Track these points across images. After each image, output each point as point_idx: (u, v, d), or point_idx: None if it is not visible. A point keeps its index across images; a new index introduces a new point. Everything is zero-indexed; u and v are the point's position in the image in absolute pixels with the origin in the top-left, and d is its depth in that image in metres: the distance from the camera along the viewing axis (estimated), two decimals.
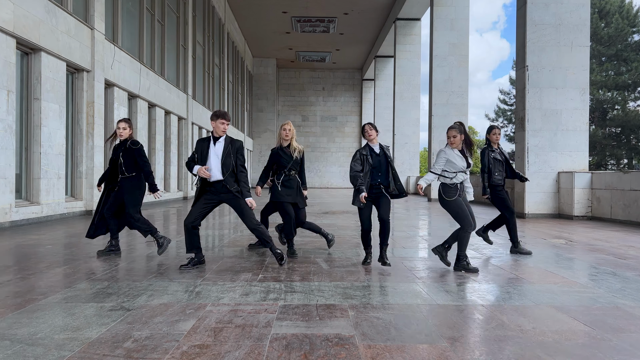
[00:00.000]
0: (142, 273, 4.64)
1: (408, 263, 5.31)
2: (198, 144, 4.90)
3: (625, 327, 3.10)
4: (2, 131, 8.19)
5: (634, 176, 9.62)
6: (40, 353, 2.54)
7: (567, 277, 4.59)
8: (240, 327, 2.99)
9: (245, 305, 3.50)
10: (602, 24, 39.37)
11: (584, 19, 11.31)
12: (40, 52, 9.41)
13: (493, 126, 6.16)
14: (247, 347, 2.66)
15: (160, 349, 2.62)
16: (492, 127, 6.14)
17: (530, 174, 11.26)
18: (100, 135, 11.67)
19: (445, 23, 19.60)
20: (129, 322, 3.08)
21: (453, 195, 4.81)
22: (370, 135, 5.05)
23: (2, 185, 8.22)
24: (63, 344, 2.68)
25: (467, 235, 4.81)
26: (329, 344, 2.71)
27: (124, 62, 13.20)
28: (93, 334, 2.85)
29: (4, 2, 8.17)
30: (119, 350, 2.59)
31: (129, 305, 3.49)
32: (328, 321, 3.13)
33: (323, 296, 3.79)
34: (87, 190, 11.30)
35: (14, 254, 5.75)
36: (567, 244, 6.99)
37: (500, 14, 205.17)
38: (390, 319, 3.19)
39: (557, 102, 11.27)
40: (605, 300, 3.77)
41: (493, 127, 6.14)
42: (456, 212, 4.80)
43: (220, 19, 25.67)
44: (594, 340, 2.84)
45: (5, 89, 8.24)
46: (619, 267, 5.17)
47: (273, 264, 5.16)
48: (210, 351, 2.59)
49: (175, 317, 3.21)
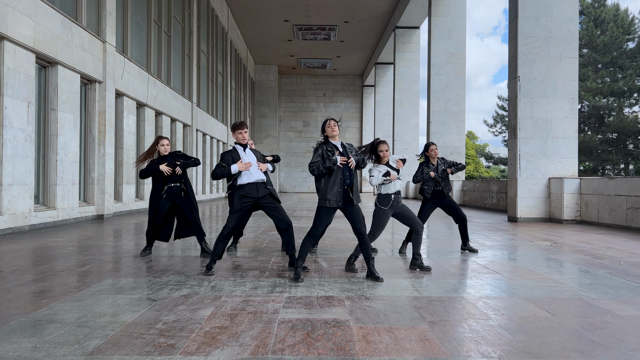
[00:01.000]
0: (161, 270, 5.17)
1: (401, 263, 5.82)
2: (226, 155, 5.19)
3: (582, 314, 3.61)
4: (22, 140, 8.74)
5: (619, 182, 10.14)
6: (88, 333, 3.06)
7: (543, 274, 5.10)
8: (252, 313, 3.51)
9: (255, 297, 4.02)
10: (598, 32, 40.04)
11: (572, 31, 11.86)
12: (57, 65, 9.98)
13: (430, 143, 6.60)
14: (259, 327, 3.18)
15: (186, 329, 3.14)
16: (428, 144, 6.59)
17: (522, 179, 11.78)
18: (111, 143, 12.22)
19: (443, 32, 20.18)
20: (157, 310, 3.60)
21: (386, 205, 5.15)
22: (334, 131, 4.73)
23: (23, 191, 8.76)
24: (105, 325, 3.21)
25: (418, 237, 5.24)
26: (327, 326, 3.23)
27: (132, 72, 13.77)
28: (128, 318, 3.38)
29: (25, 20, 8.74)
30: (153, 330, 3.11)
31: (154, 296, 4.01)
32: (327, 309, 3.65)
33: (323, 289, 4.31)
34: (99, 196, 11.84)
35: (39, 255, 6.28)
36: (552, 245, 7.50)
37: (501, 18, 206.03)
38: (380, 307, 3.71)
39: (548, 111, 11.80)
40: (571, 293, 4.28)
41: (430, 144, 6.58)
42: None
43: (223, 27, 26.30)
44: (553, 323, 3.35)
45: (26, 101, 8.80)
46: (594, 266, 5.68)
47: (278, 262, 5.68)
48: (229, 331, 3.11)
49: (196, 305, 3.73)
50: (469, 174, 59.57)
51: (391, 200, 5.14)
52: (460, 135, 20.39)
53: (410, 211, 5.27)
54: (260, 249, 6.80)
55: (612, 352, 2.81)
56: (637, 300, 3.99)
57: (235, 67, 30.55)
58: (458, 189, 19.96)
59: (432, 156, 6.58)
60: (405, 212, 5.25)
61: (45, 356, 2.65)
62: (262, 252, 6.59)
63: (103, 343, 2.86)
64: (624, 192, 9.92)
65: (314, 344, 2.87)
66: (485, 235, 8.75)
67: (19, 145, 8.64)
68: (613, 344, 2.94)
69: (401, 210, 5.25)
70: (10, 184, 8.41)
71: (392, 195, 5.14)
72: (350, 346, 2.85)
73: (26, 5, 8.78)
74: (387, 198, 5.14)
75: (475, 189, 18.65)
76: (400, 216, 5.27)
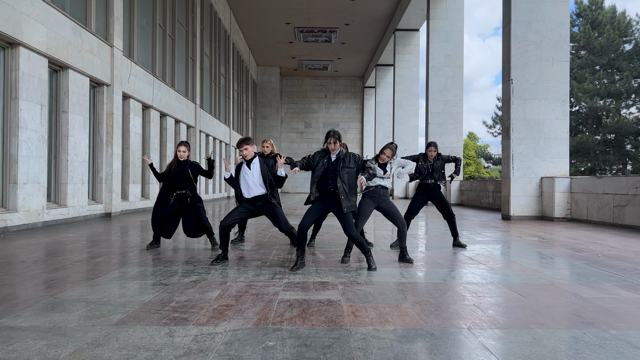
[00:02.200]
0: (170, 260, 5.60)
1: (395, 255, 6.24)
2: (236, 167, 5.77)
3: (550, 296, 4.03)
4: (36, 141, 9.20)
5: (606, 181, 10.54)
6: (111, 309, 3.50)
7: (523, 265, 5.52)
8: (255, 295, 3.94)
9: (257, 282, 4.45)
10: (595, 34, 40.46)
11: (564, 36, 12.28)
12: (68, 69, 10.44)
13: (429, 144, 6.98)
14: (261, 305, 3.61)
15: (197, 307, 3.57)
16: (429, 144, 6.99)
17: (515, 179, 12.20)
18: (118, 144, 12.68)
19: (441, 35, 20.61)
20: (169, 292, 4.03)
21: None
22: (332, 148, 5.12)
23: (37, 190, 9.21)
24: (125, 303, 3.64)
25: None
26: (321, 304, 3.66)
27: (139, 75, 14.23)
28: (145, 298, 3.81)
29: (38, 27, 9.19)
30: (167, 308, 3.54)
31: (166, 282, 4.45)
32: (322, 292, 4.08)
33: (319, 276, 4.73)
34: (107, 195, 12.30)
35: (55, 248, 6.72)
36: (539, 241, 7.91)
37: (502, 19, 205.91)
38: (370, 290, 4.14)
39: (540, 113, 12.22)
40: (545, 279, 4.70)
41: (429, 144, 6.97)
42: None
43: (226, 30, 26.77)
44: (522, 303, 3.77)
45: (39, 104, 9.26)
46: (573, 258, 6.09)
47: (278, 255, 6.12)
48: (235, 308, 3.54)
49: (204, 289, 4.16)
50: (470, 174, 59.93)
51: (371, 191, 5.66)
52: (458, 136, 20.81)
53: (395, 209, 5.68)
54: (262, 243, 7.24)
55: (567, 324, 3.23)
56: (603, 286, 4.41)
57: (238, 69, 31.02)
58: (456, 188, 20.38)
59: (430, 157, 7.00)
60: (390, 209, 5.66)
61: (77, 326, 3.08)
62: (264, 246, 7.02)
63: (125, 317, 3.30)
64: (611, 191, 10.32)
65: (309, 318, 3.30)
66: (476, 232, 9.17)
67: (33, 146, 9.10)
68: (570, 319, 3.35)
69: (386, 207, 5.67)
70: (25, 183, 8.86)
71: (373, 187, 5.67)
72: (340, 319, 3.27)
73: (40, 13, 9.24)
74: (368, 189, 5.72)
75: (472, 189, 19.06)
76: (385, 212, 5.68)
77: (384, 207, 5.69)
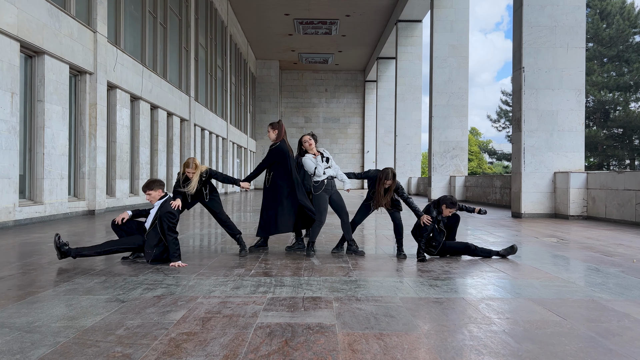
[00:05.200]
0: (139, 268, 4.81)
1: (396, 262, 5.45)
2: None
3: (596, 317, 3.23)
4: (6, 132, 8.40)
5: (628, 176, 9.73)
6: (37, 339, 2.71)
7: (550, 273, 4.72)
8: (228, 317, 3.15)
9: (234, 298, 3.66)
10: (604, 25, 39.44)
11: (579, 20, 11.43)
12: (44, 55, 9.62)
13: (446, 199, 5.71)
14: (232, 334, 2.82)
15: (150, 335, 2.78)
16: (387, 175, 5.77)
17: (526, 174, 11.38)
18: (102, 137, 11.87)
19: (446, 25, 19.74)
20: (123, 313, 3.24)
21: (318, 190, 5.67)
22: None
23: (6, 185, 8.42)
24: (59, 331, 2.85)
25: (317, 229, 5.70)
26: (310, 332, 2.86)
27: (126, 64, 13.41)
28: (88, 322, 3.02)
29: (8, 7, 8.38)
30: (111, 337, 2.75)
31: (123, 297, 3.66)
32: (312, 312, 3.29)
33: (311, 289, 3.94)
34: (90, 191, 11.51)
35: (17, 251, 5.94)
36: (559, 242, 7.12)
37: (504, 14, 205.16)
38: (371, 310, 3.34)
39: (553, 103, 11.39)
40: (583, 293, 3.90)
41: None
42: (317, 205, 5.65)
43: (222, 21, 25.91)
44: (563, 329, 2.98)
45: (9, 91, 8.45)
46: (604, 263, 5.30)
47: (266, 260, 5.33)
48: (197, 338, 2.75)
49: (167, 308, 3.37)
50: (472, 170, 59.03)
51: (324, 185, 5.64)
52: (463, 130, 19.96)
53: (341, 200, 5.78)
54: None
55: None
56: None
57: (236, 62, 30.16)
58: (461, 184, 19.55)
59: (445, 214, 5.63)
60: (338, 200, 5.76)
61: None
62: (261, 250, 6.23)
63: (49, 352, 2.51)
64: (633, 187, 9.51)
65: (291, 354, 2.51)
66: (488, 232, 8.38)
67: (2, 137, 8.30)
68: (634, 354, 2.56)
69: (335, 197, 5.77)
70: None
71: (324, 181, 5.64)
72: (332, 356, 2.48)
73: None
74: (320, 184, 5.65)
75: (478, 185, 18.25)
76: (333, 202, 5.75)
77: (334, 198, 5.77)
